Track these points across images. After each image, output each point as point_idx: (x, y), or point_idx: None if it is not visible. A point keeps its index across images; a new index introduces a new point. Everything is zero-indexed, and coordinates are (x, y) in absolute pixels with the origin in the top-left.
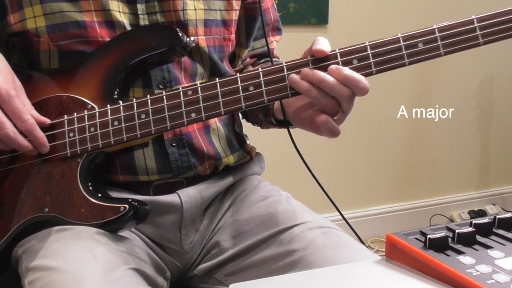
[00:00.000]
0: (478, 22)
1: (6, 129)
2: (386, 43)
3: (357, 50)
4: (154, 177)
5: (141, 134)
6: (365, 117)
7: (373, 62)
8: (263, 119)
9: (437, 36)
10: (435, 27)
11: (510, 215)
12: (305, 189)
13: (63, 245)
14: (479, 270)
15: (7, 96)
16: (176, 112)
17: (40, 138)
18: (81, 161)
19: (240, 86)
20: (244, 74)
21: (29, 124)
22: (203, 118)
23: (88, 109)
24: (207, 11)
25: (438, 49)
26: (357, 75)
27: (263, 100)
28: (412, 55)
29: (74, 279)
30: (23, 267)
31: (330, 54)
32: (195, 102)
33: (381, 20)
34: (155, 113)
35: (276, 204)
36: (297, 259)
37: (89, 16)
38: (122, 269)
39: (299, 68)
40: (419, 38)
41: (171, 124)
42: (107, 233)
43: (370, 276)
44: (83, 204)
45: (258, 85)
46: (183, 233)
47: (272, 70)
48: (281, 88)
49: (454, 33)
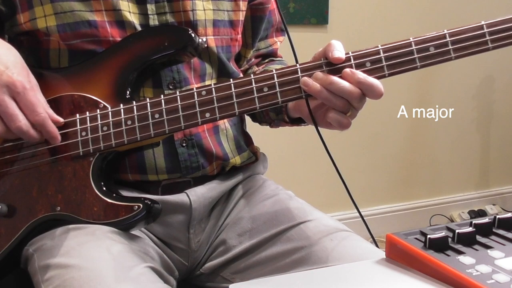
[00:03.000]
0: (488, 27)
1: (19, 122)
2: (398, 47)
3: (370, 53)
4: (163, 177)
5: (155, 133)
6: (365, 117)
7: (386, 65)
8: (275, 118)
9: (448, 41)
10: (446, 32)
11: (510, 215)
12: (305, 189)
13: (78, 243)
14: (479, 270)
15: (22, 88)
16: (190, 112)
17: (52, 132)
18: (94, 160)
19: (255, 87)
20: (258, 75)
21: (42, 118)
22: (218, 118)
23: (101, 108)
24: (216, 12)
25: (449, 53)
26: (371, 80)
27: (277, 101)
28: (424, 58)
29: (93, 276)
30: (35, 266)
31: (344, 58)
32: (209, 102)
33: (381, 20)
34: (169, 113)
35: (281, 202)
36: (304, 256)
37: (100, 16)
38: (141, 267)
39: (312, 70)
40: (431, 42)
41: (185, 124)
42: (121, 232)
43: (370, 276)
44: (95, 202)
45: (273, 86)
46: (191, 232)
47: (286, 72)
48: (295, 89)
49: (464, 38)
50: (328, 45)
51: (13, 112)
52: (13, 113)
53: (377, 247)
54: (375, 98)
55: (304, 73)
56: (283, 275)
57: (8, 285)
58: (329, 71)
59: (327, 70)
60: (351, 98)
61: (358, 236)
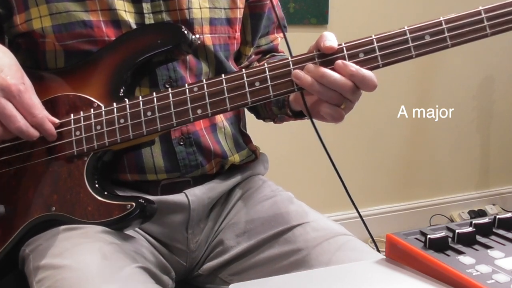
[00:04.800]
0: (485, 13)
1: (18, 122)
2: (393, 36)
3: (363, 44)
4: (162, 176)
5: (147, 131)
6: (365, 117)
7: (379, 55)
8: (278, 112)
9: (444, 28)
10: (442, 19)
11: (510, 215)
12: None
13: (71, 244)
14: (479, 270)
15: (17, 91)
16: (182, 108)
17: (49, 129)
18: (88, 160)
19: (246, 82)
20: (249, 70)
21: (40, 119)
22: (209, 114)
23: (94, 108)
24: (212, 10)
25: (445, 41)
26: (364, 72)
27: (269, 95)
28: (419, 47)
29: (83, 277)
30: (30, 267)
31: (337, 48)
32: (201, 98)
33: (381, 20)
34: (161, 110)
35: (280, 203)
36: (302, 258)
37: (95, 16)
38: (131, 267)
39: (305, 62)
40: (426, 30)
41: (177, 121)
42: (115, 232)
43: (370, 276)
44: (90, 202)
45: (264, 80)
46: (190, 232)
47: (278, 66)
48: (287, 83)
49: (461, 25)
50: (320, 37)
51: (11, 113)
52: (11, 114)
53: (377, 248)
54: (368, 90)
55: (296, 66)
56: (283, 276)
57: (8, 287)
58: (321, 63)
59: (319, 62)
60: (343, 90)
61: (357, 239)
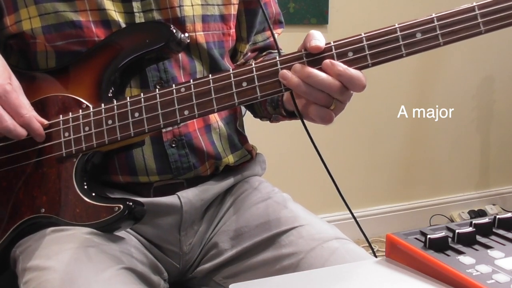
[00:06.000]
0: (480, 9)
1: (5, 122)
2: (383, 34)
3: (352, 42)
4: (154, 178)
5: (135, 133)
6: (365, 117)
7: (369, 54)
8: (272, 112)
9: (436, 25)
10: (434, 15)
11: (510, 215)
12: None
13: (57, 246)
14: (479, 270)
15: (3, 92)
16: (169, 109)
17: (36, 129)
18: (77, 161)
19: (233, 82)
20: (237, 69)
21: (27, 118)
22: (196, 115)
23: (83, 108)
24: (205, 7)
25: (437, 39)
26: (351, 71)
27: (256, 96)
28: (410, 45)
29: (66, 279)
30: (19, 268)
31: (325, 47)
32: (188, 99)
33: (381, 20)
34: (148, 111)
35: (275, 205)
36: (296, 263)
37: (85, 16)
38: (115, 268)
39: (292, 62)
40: (417, 27)
41: (164, 122)
42: (102, 234)
43: (370, 276)
44: (78, 204)
45: (251, 80)
46: (182, 234)
47: (265, 65)
48: (274, 83)
49: (454, 22)
50: (307, 36)
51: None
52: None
53: (372, 250)
54: (357, 90)
55: (283, 65)
56: (283, 276)
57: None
58: (309, 63)
59: (307, 61)
60: (331, 91)
61: (352, 243)
